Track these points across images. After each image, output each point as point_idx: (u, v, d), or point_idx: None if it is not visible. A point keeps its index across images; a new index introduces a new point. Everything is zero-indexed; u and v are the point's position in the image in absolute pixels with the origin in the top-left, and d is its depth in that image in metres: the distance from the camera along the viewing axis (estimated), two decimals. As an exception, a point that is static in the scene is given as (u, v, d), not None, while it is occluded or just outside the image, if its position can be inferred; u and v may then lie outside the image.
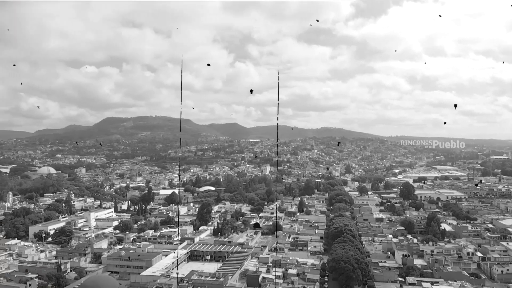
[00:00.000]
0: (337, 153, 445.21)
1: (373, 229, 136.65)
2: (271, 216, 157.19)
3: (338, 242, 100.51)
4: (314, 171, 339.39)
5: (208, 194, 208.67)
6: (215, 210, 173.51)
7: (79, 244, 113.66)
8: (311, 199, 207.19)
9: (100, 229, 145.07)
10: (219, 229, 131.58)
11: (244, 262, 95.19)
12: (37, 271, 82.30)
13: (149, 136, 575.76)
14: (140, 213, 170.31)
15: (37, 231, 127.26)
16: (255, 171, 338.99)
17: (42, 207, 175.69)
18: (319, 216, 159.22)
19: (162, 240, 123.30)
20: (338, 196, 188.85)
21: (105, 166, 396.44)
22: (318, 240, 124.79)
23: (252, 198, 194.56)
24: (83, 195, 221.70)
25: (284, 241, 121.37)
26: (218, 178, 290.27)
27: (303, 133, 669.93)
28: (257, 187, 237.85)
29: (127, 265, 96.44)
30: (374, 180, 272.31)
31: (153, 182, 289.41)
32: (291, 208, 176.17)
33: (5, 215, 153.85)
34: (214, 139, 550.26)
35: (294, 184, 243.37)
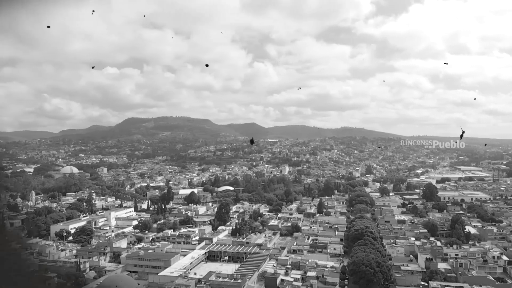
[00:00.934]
0: (357, 153, 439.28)
1: (395, 231, 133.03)
2: (289, 217, 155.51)
3: (359, 245, 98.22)
4: (334, 172, 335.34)
5: (226, 194, 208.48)
6: (233, 210, 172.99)
7: (99, 243, 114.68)
8: (330, 200, 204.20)
9: (120, 228, 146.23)
10: (237, 230, 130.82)
11: (262, 264, 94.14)
12: (56, 270, 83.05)
13: (169, 136, 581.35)
14: (159, 212, 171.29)
15: (58, 230, 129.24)
16: (273, 171, 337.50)
17: (64, 206, 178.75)
18: (339, 218, 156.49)
19: (181, 240, 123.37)
20: (358, 197, 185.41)
21: (127, 165, 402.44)
22: (338, 242, 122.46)
23: (271, 198, 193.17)
24: (104, 195, 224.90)
25: (303, 242, 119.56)
26: (237, 178, 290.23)
27: (322, 133, 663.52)
28: (276, 187, 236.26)
29: (145, 265, 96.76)
30: (396, 181, 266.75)
31: (173, 182, 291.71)
32: (310, 209, 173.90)
33: (27, 214, 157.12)
34: (233, 139, 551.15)
35: (313, 185, 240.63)
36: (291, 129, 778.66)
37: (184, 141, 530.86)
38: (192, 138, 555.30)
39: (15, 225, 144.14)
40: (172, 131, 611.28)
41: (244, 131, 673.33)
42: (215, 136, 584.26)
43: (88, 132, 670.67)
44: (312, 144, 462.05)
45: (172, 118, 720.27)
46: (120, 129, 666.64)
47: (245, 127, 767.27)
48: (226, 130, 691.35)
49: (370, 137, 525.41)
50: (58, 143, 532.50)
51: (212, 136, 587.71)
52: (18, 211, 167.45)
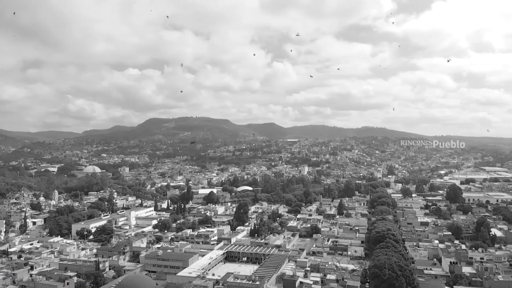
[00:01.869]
0: (379, 153, 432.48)
1: (417, 233, 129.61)
2: (309, 218, 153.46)
3: (380, 248, 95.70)
4: (355, 172, 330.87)
5: (245, 194, 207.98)
6: (252, 210, 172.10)
7: (118, 243, 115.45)
8: (351, 201, 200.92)
9: (140, 228, 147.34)
10: (256, 230, 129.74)
11: (281, 266, 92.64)
12: (76, 269, 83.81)
13: (189, 136, 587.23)
14: (179, 212, 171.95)
15: (79, 229, 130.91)
16: (292, 171, 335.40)
17: (85, 205, 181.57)
18: (360, 219, 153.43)
19: (200, 240, 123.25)
20: (380, 198, 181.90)
21: (148, 165, 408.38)
22: (359, 245, 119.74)
23: (290, 199, 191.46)
24: (125, 194, 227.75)
25: (323, 244, 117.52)
26: (256, 178, 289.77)
27: (342, 133, 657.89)
28: (295, 187, 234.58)
29: (164, 265, 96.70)
30: (419, 182, 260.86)
31: (193, 181, 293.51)
32: (330, 210, 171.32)
33: (50, 213, 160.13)
34: (251, 139, 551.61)
35: (333, 185, 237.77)
36: (310, 129, 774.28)
37: (203, 141, 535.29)
38: (212, 138, 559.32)
39: (37, 224, 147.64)
40: (192, 131, 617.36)
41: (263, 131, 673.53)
42: (234, 136, 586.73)
43: (111, 132, 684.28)
44: (332, 144, 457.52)
45: (192, 118, 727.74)
46: (142, 129, 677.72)
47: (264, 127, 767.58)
48: (245, 130, 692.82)
49: (392, 137, 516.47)
50: (81, 143, 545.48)
51: (231, 136, 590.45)
52: (41, 210, 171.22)
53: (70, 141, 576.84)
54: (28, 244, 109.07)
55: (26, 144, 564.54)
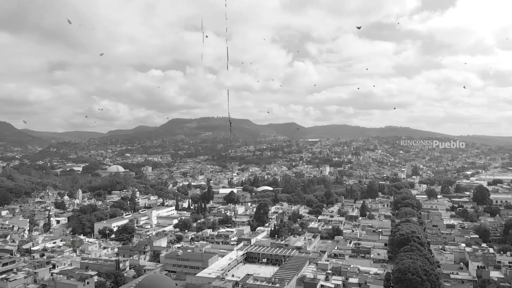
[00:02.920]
0: (403, 153, 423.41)
1: (443, 236, 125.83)
2: (330, 220, 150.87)
3: (405, 251, 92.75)
4: (378, 173, 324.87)
5: (265, 194, 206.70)
6: (272, 211, 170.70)
7: (139, 242, 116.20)
8: (374, 202, 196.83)
9: (161, 227, 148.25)
10: (276, 231, 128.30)
11: (301, 268, 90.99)
12: (97, 268, 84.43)
13: (211, 136, 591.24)
14: (199, 211, 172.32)
15: (102, 228, 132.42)
16: (313, 172, 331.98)
17: (108, 204, 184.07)
18: (383, 221, 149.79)
19: (219, 240, 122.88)
20: (404, 199, 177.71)
21: (170, 164, 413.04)
22: (382, 247, 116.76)
23: (311, 199, 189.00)
24: (147, 193, 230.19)
25: (345, 247, 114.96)
26: (276, 178, 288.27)
27: (365, 132, 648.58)
28: (316, 188, 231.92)
29: (184, 265, 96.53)
30: (444, 183, 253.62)
31: (214, 181, 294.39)
32: (353, 212, 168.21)
33: (73, 212, 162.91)
34: (272, 139, 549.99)
35: (355, 186, 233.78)
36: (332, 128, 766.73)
37: (224, 141, 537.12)
38: (232, 138, 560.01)
39: (61, 223, 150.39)
40: (213, 131, 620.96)
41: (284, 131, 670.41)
42: (254, 136, 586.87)
43: (135, 133, 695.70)
44: (355, 144, 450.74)
45: (213, 118, 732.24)
46: (165, 129, 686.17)
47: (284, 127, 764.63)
48: (265, 130, 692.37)
49: (416, 136, 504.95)
50: (106, 143, 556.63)
51: (251, 136, 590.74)
52: (65, 208, 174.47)
53: (95, 141, 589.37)
54: (51, 243, 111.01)
55: (53, 144, 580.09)
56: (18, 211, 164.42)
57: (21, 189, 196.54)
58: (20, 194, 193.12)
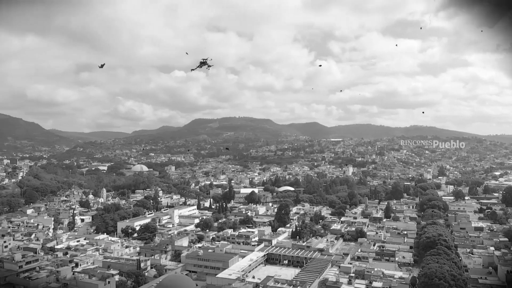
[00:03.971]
0: (428, 153, 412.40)
1: (471, 239, 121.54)
2: (354, 221, 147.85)
3: (431, 254, 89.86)
4: (403, 173, 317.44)
5: (287, 194, 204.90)
6: (293, 211, 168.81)
7: (161, 241, 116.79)
8: (399, 203, 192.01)
9: (183, 226, 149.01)
10: (298, 232, 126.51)
11: (323, 270, 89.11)
12: (119, 267, 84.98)
13: (232, 136, 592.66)
14: (220, 211, 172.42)
15: (124, 227, 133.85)
16: (336, 172, 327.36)
17: (131, 203, 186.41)
18: (409, 223, 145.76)
19: (240, 240, 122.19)
20: (430, 201, 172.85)
21: (193, 164, 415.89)
22: (407, 250, 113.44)
23: (333, 200, 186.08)
24: (170, 192, 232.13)
25: (368, 249, 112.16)
26: (298, 178, 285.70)
27: (390, 132, 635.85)
28: (339, 189, 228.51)
29: (204, 265, 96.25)
30: (472, 184, 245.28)
31: (235, 181, 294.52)
32: (377, 213, 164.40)
33: (97, 211, 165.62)
34: (294, 139, 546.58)
35: (380, 187, 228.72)
36: (355, 128, 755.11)
37: (246, 141, 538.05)
38: (254, 138, 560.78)
39: (85, 221, 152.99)
40: (235, 131, 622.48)
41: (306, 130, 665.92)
42: (276, 136, 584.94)
43: (158, 133, 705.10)
44: (379, 143, 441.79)
45: (235, 118, 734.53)
46: (188, 129, 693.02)
47: (306, 127, 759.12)
48: (287, 130, 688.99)
49: (443, 136, 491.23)
50: (130, 143, 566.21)
51: (273, 136, 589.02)
52: (89, 207, 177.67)
53: (120, 140, 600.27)
54: (75, 241, 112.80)
55: (79, 143, 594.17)
56: (44, 210, 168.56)
57: (47, 188, 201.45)
58: (46, 193, 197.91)
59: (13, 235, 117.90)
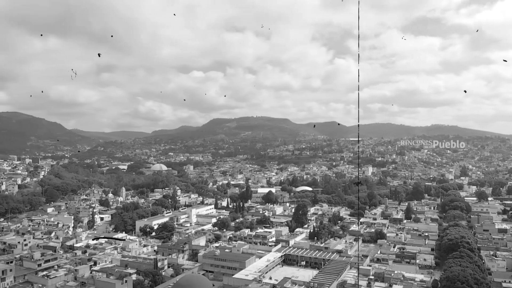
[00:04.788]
0: (450, 153, 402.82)
1: (495, 241, 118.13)
2: (373, 222, 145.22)
3: (454, 257, 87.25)
4: (424, 173, 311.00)
5: (304, 194, 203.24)
6: (311, 212, 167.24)
7: (179, 240, 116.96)
8: (420, 204, 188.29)
9: (200, 226, 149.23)
10: (315, 233, 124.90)
11: (342, 272, 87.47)
12: (136, 266, 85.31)
13: (250, 136, 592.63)
14: (238, 210, 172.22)
15: (143, 226, 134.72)
16: (355, 172, 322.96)
17: (150, 202, 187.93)
18: (430, 225, 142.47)
19: (257, 240, 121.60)
20: (452, 202, 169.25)
21: (211, 163, 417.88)
22: (429, 252, 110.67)
23: (352, 201, 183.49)
24: (188, 191, 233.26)
25: (388, 251, 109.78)
26: (315, 178, 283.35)
27: (410, 131, 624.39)
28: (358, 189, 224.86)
29: (221, 265, 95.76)
30: (495, 184, 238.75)
31: (252, 180, 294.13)
32: (397, 214, 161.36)
33: (116, 209, 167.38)
34: (312, 138, 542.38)
35: (400, 188, 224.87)
36: (375, 127, 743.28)
37: (263, 141, 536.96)
38: (272, 138, 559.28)
39: (105, 220, 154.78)
40: (252, 131, 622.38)
41: (324, 130, 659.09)
42: (293, 136, 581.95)
43: (178, 132, 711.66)
44: (399, 143, 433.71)
45: (252, 118, 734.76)
46: (206, 129, 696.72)
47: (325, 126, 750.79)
48: (305, 129, 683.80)
49: (465, 135, 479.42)
50: (150, 143, 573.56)
51: (290, 135, 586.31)
52: (109, 206, 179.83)
53: (140, 140, 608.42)
54: (94, 240, 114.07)
55: (100, 143, 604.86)
56: (64, 208, 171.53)
57: (67, 186, 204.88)
58: (67, 191, 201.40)
59: (33, 233, 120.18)
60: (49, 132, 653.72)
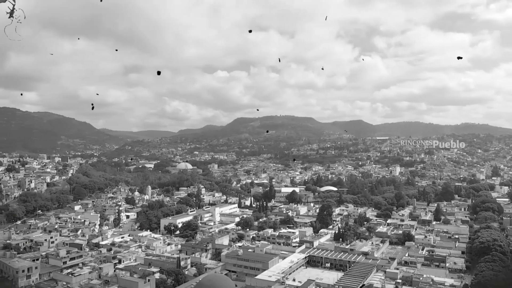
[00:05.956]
0: (481, 152, 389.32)
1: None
2: (401, 224, 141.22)
3: (486, 261, 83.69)
4: (454, 173, 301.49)
5: (329, 194, 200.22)
6: (336, 212, 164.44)
7: (202, 239, 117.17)
8: (450, 205, 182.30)
9: (224, 224, 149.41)
10: (341, 234, 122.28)
11: (368, 275, 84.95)
12: (160, 264, 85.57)
13: (274, 135, 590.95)
14: (261, 210, 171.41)
15: (167, 224, 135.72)
16: (382, 172, 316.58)
17: (175, 200, 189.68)
18: (460, 227, 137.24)
19: (281, 240, 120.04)
20: (483, 203, 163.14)
21: (235, 162, 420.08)
22: (459, 256, 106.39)
23: (379, 202, 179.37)
24: (212, 190, 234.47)
25: (417, 254, 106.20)
26: (341, 178, 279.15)
27: (439, 130, 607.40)
28: (385, 189, 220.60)
29: (244, 265, 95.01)
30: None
31: (276, 179, 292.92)
32: (425, 216, 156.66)
33: (142, 207, 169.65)
34: (337, 137, 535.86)
35: (429, 188, 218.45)
36: (402, 126, 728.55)
37: (287, 140, 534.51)
38: (296, 137, 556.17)
39: (130, 218, 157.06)
40: (276, 130, 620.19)
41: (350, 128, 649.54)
42: (318, 134, 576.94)
43: (203, 132, 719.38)
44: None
45: (276, 117, 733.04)
46: (230, 128, 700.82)
47: (350, 125, 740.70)
48: (330, 128, 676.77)
49: (496, 134, 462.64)
50: (176, 142, 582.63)
51: (315, 134, 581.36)
52: (135, 204, 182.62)
53: (167, 139, 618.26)
54: (119, 238, 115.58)
55: (128, 142, 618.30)
56: (91, 206, 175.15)
57: (95, 185, 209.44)
58: (94, 189, 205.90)
59: (60, 231, 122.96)
60: (79, 132, 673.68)
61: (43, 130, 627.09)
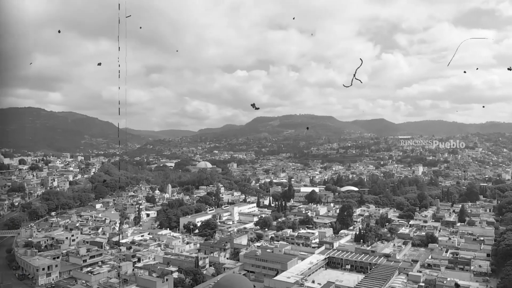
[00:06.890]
0: (507, 152, 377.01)
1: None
2: (424, 225, 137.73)
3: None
4: (479, 173, 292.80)
5: (350, 194, 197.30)
6: (357, 213, 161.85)
7: (221, 238, 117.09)
8: (474, 206, 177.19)
9: (242, 224, 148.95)
10: (361, 236, 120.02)
11: (389, 278, 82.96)
12: (178, 264, 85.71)
13: (293, 134, 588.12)
14: (280, 210, 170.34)
15: (186, 223, 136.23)
16: (404, 172, 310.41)
17: (194, 199, 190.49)
18: (486, 229, 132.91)
19: (300, 241, 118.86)
20: (510, 204, 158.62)
21: (254, 161, 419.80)
22: (484, 258, 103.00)
23: (401, 202, 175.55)
24: (231, 189, 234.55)
25: (440, 256, 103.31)
26: (362, 177, 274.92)
27: (463, 129, 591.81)
28: (407, 190, 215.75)
29: (262, 266, 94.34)
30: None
31: (295, 179, 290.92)
32: (449, 217, 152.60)
33: (162, 206, 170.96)
34: (358, 136, 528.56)
35: (453, 188, 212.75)
36: (425, 124, 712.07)
37: (307, 139, 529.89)
38: (315, 136, 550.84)
39: (151, 216, 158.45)
40: (296, 129, 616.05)
41: (371, 127, 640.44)
42: (338, 133, 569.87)
43: (222, 131, 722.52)
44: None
45: (296, 116, 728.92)
46: (250, 127, 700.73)
47: (372, 123, 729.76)
48: (350, 127, 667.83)
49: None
50: (196, 141, 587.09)
51: (335, 133, 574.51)
52: (155, 202, 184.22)
53: (187, 138, 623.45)
54: (139, 236, 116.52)
55: (149, 141, 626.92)
56: (111, 205, 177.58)
57: (116, 183, 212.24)
58: (115, 188, 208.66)
59: (81, 229, 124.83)
60: (102, 131, 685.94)
61: (67, 130, 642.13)
